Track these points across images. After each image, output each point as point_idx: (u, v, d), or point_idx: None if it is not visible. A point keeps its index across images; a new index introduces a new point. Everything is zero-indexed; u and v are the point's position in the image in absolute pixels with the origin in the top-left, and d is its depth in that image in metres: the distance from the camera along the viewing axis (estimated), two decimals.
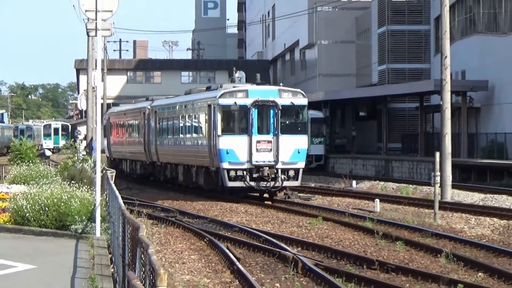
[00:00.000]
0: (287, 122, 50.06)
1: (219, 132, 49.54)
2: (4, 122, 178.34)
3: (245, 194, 50.36)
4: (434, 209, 52.61)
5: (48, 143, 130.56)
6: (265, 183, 48.90)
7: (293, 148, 49.54)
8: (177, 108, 62.94)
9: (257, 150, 48.20)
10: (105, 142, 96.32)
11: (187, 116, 61.90)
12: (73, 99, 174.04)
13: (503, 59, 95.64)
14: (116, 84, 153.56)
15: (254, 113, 49.09)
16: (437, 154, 56.55)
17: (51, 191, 42.55)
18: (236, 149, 48.65)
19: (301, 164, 50.47)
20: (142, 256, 17.14)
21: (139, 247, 17.61)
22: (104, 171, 40.64)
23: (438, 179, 53.56)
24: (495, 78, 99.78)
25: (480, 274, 32.85)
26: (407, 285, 30.46)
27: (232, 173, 49.05)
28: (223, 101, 49.19)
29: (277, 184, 49.80)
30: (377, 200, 61.77)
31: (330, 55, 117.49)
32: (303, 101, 52.19)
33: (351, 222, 50.34)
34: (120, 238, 25.05)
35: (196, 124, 58.74)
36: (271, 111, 49.27)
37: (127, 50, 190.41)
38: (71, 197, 41.11)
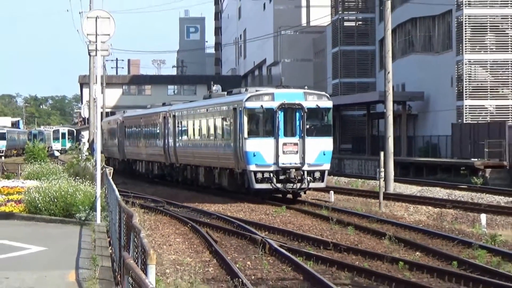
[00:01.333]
0: (313, 124, 46.09)
1: (246, 135, 45.14)
2: (20, 128, 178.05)
3: (270, 195, 46.62)
4: (379, 199, 52.67)
5: (56, 146, 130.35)
6: (292, 184, 44.60)
7: (319, 150, 45.35)
8: (198, 111, 59.19)
9: (283, 152, 44.02)
10: (108, 143, 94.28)
11: (208, 120, 56.86)
12: (78, 109, 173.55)
13: (436, 74, 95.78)
14: (113, 96, 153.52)
15: (280, 116, 44.96)
16: (382, 153, 57.01)
17: (59, 185, 42.48)
18: (263, 152, 44.34)
19: (327, 166, 46.79)
20: (135, 239, 17.08)
21: (133, 232, 17.56)
22: (103, 169, 40.54)
23: (382, 174, 53.62)
24: (429, 90, 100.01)
25: (417, 253, 32.84)
26: (357, 262, 30.27)
27: (259, 175, 44.66)
28: (250, 104, 44.97)
29: (303, 186, 45.52)
30: (332, 192, 60.92)
31: (292, 71, 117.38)
32: (328, 103, 47.86)
33: (310, 210, 49.48)
34: (117, 224, 24.96)
35: (220, 127, 53.93)
36: (297, 113, 45.02)
37: (123, 68, 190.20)
38: (76, 190, 41.10)
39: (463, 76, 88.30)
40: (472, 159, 78.37)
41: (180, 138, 61.05)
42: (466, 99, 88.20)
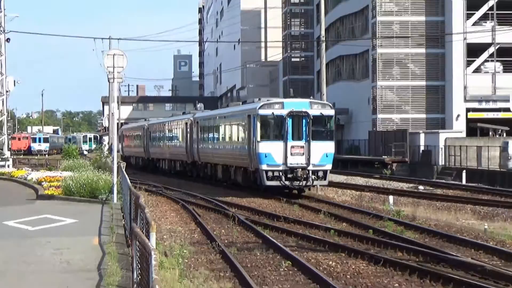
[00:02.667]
0: (317, 129, 42.36)
1: (259, 138, 41.87)
2: (59, 134, 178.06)
3: (279, 191, 42.97)
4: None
5: (85, 147, 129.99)
6: (298, 182, 41.45)
7: (322, 152, 41.79)
8: (217, 118, 55.50)
9: (291, 154, 40.78)
10: (133, 144, 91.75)
11: (226, 125, 53.01)
12: (100, 120, 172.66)
13: (358, 95, 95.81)
14: (126, 111, 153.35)
15: (289, 122, 41.54)
16: None
17: (87, 175, 42.43)
18: (273, 153, 41.00)
19: (329, 166, 43.46)
20: (141, 214, 17.03)
21: (139, 208, 17.49)
22: (119, 163, 40.48)
23: None
24: (352, 107, 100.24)
25: (344, 224, 32.79)
26: (300, 230, 30.22)
27: (270, 174, 41.53)
28: (262, 112, 41.74)
29: (308, 183, 42.16)
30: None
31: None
32: (331, 112, 44.14)
33: (267, 194, 48.71)
34: (128, 203, 24.92)
35: (235, 131, 50.06)
36: (304, 120, 41.55)
37: (132, 90, 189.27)
38: (99, 179, 41.11)
39: (376, 97, 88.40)
40: (383, 157, 78.55)
41: (201, 140, 58.46)
42: (378, 114, 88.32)
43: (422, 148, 78.38)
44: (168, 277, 18.03)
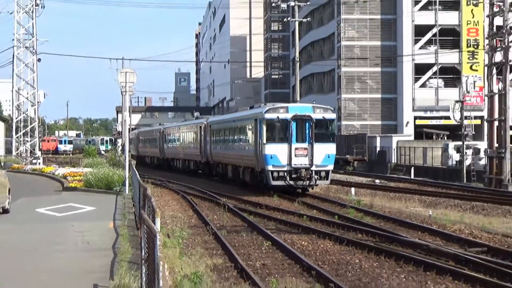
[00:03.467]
0: (319, 132, 38.88)
1: (265, 141, 38.49)
2: (80, 137, 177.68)
3: (284, 190, 39.60)
4: None
5: (102, 148, 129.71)
6: (302, 182, 38.14)
7: (324, 154, 38.43)
8: (227, 122, 51.38)
9: (295, 155, 37.57)
10: (149, 145, 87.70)
11: (235, 128, 48.65)
12: (115, 126, 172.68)
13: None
14: (135, 118, 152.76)
15: (293, 125, 38.23)
16: None
17: (103, 171, 42.46)
18: (278, 154, 37.80)
19: (331, 167, 39.91)
20: (148, 202, 17.00)
21: (147, 198, 17.45)
22: (130, 161, 40.47)
23: None
24: None
25: (314, 211, 32.67)
26: (278, 216, 30.38)
27: (275, 174, 38.15)
28: (268, 116, 38.51)
29: (311, 183, 38.86)
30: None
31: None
32: (332, 115, 40.65)
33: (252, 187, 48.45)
34: (137, 194, 24.87)
35: (244, 134, 46.10)
36: (307, 123, 38.27)
37: (141, 101, 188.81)
38: (113, 174, 41.18)
39: (341, 107, 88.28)
40: (347, 156, 78.38)
41: (213, 142, 54.37)
42: (343, 121, 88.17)
43: (378, 149, 78.47)
44: (170, 255, 18.02)
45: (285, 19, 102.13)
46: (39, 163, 70.74)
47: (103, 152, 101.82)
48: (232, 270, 18.99)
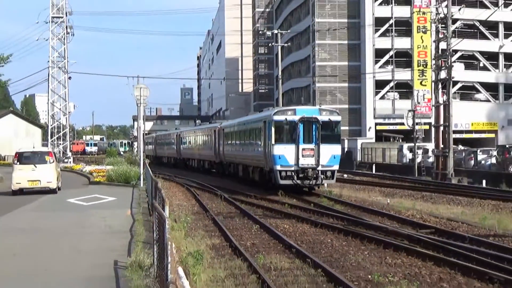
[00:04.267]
0: (325, 134, 34.61)
1: (273, 142, 34.36)
2: (104, 141, 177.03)
3: (291, 189, 35.27)
4: None
5: (121, 149, 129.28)
6: (309, 181, 34.05)
7: (330, 154, 34.23)
8: (238, 125, 46.69)
9: (302, 155, 33.57)
10: (166, 147, 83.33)
11: (246, 131, 44.08)
12: (132, 131, 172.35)
13: None
14: (148, 125, 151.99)
15: (300, 127, 34.03)
16: None
17: (122, 168, 42.35)
18: (286, 155, 33.78)
19: (336, 167, 35.55)
20: (158, 193, 16.98)
21: (158, 190, 17.41)
22: (144, 160, 40.40)
23: None
24: None
25: (294, 200, 32.38)
26: (265, 204, 30.14)
27: (283, 174, 34.08)
28: (277, 118, 34.51)
29: (318, 182, 34.77)
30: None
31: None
32: (338, 118, 36.24)
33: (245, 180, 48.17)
34: (150, 186, 24.82)
35: (253, 136, 41.30)
36: (313, 125, 34.13)
37: (153, 111, 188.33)
38: (130, 170, 41.06)
39: None
40: None
41: (226, 144, 49.34)
42: None
43: (346, 149, 78.39)
44: (177, 236, 17.98)
45: (270, 44, 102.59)
46: (70, 162, 70.62)
47: (122, 153, 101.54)
48: (227, 249, 18.98)
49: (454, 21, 56.67)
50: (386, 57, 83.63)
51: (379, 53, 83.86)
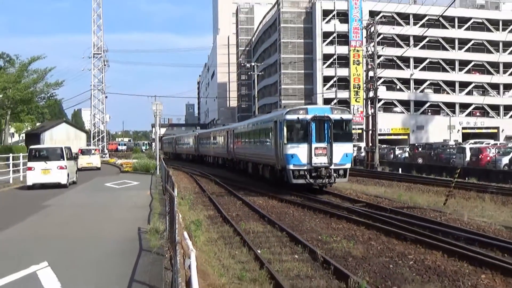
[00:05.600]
0: (338, 132, 27.11)
1: (285, 141, 26.95)
2: (131, 142, 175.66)
3: (304, 187, 27.77)
4: None
5: (143, 148, 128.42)
6: (321, 180, 26.60)
7: (343, 153, 26.82)
8: (248, 127, 38.39)
9: (315, 154, 26.34)
10: (185, 146, 74.46)
11: (255, 130, 36.00)
12: (151, 135, 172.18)
13: None
14: (162, 131, 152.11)
15: (312, 126, 26.68)
16: None
17: (144, 161, 42.08)
18: (299, 154, 26.55)
19: (348, 165, 27.72)
20: (170, 179, 16.87)
21: (169, 177, 17.28)
22: (159, 155, 40.21)
23: None
24: None
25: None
26: (248, 187, 29.80)
27: (296, 173, 26.64)
28: (289, 117, 27.18)
29: (331, 181, 26.99)
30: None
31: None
32: (349, 116, 28.64)
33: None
34: (164, 174, 24.62)
35: (264, 135, 33.22)
36: (325, 124, 26.84)
37: (165, 120, 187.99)
38: (150, 163, 40.77)
39: None
40: None
41: (236, 143, 40.95)
42: None
43: None
44: (183, 209, 17.85)
45: (249, 73, 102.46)
46: (106, 157, 70.17)
47: (143, 150, 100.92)
48: (219, 218, 18.89)
49: (379, 56, 57.01)
50: (331, 82, 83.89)
51: (326, 79, 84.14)
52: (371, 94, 51.04)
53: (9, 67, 56.56)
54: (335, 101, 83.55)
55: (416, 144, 60.34)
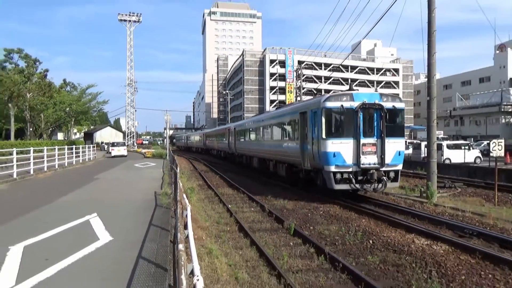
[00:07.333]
0: (390, 125, 10.28)
1: (324, 135, 10.18)
2: (151, 139, 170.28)
3: (340, 193, 11.18)
4: None
5: (159, 142, 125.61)
6: (370, 185, 10.28)
7: (395, 151, 10.31)
8: (254, 123, 23.30)
9: (363, 153, 10.02)
10: (194, 142, 61.09)
11: (268, 126, 18.69)
12: (164, 134, 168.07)
13: None
14: (170, 132, 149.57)
15: (360, 116, 10.11)
16: None
17: (159, 151, 41.11)
18: (343, 152, 10.10)
19: (400, 166, 10.74)
20: (174, 161, 16.53)
21: (174, 160, 16.91)
22: (169, 147, 39.20)
23: None
24: None
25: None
26: (225, 165, 29.30)
27: (338, 176, 10.26)
28: (330, 104, 10.13)
29: (381, 187, 10.44)
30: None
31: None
32: (402, 105, 10.69)
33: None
34: (172, 158, 24.06)
35: (280, 130, 16.33)
36: (376, 114, 10.10)
37: (173, 125, 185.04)
38: (163, 152, 39.70)
39: None
40: None
41: (238, 139, 27.86)
42: None
43: None
44: (183, 181, 17.50)
45: (225, 97, 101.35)
46: (135, 148, 68.43)
47: (159, 144, 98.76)
48: (206, 186, 18.62)
49: (303, 88, 57.50)
50: (274, 103, 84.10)
51: (272, 102, 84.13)
52: None
53: (73, 91, 61.57)
54: None
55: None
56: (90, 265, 6.02)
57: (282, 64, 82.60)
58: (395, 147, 11.98)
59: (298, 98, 51.44)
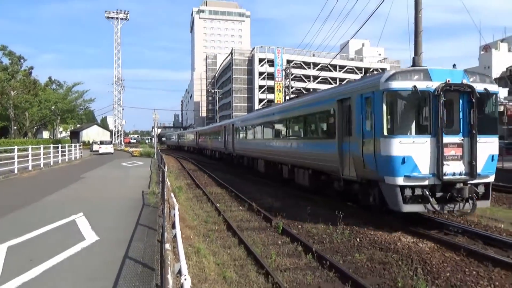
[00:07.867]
0: (481, 117, 4.56)
1: (385, 131, 4.58)
2: (139, 137, 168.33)
3: (403, 216, 5.21)
4: None
5: (147, 141, 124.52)
6: (453, 205, 4.57)
7: (487, 154, 4.72)
8: (258, 118, 17.51)
9: (445, 158, 4.41)
10: (187, 140, 56.64)
11: (279, 121, 13.29)
12: (152, 133, 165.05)
13: None
14: (158, 130, 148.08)
15: (442, 102, 4.29)
16: None
17: (147, 149, 40.76)
18: (416, 157, 4.45)
19: (493, 177, 4.89)
20: (162, 161, 16.43)
21: (162, 159, 16.82)
22: (157, 146, 38.88)
23: None
24: None
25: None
26: (214, 165, 29.10)
27: (408, 192, 4.51)
28: (395, 85, 4.23)
29: (468, 206, 4.67)
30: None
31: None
32: (496, 87, 4.68)
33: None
34: (160, 157, 23.91)
35: (302, 126, 10.25)
36: (462, 100, 4.40)
37: (161, 124, 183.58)
38: (150, 151, 39.37)
39: None
40: None
41: (239, 138, 22.62)
42: None
43: None
44: (171, 179, 17.40)
45: (213, 96, 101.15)
46: (123, 147, 67.71)
47: (147, 143, 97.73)
48: (194, 185, 18.59)
49: (292, 87, 57.81)
50: (263, 102, 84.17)
51: (260, 100, 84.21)
52: None
53: (59, 89, 60.54)
54: None
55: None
56: (76, 265, 5.91)
57: (271, 63, 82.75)
58: (487, 149, 7.05)
59: (287, 97, 51.72)
